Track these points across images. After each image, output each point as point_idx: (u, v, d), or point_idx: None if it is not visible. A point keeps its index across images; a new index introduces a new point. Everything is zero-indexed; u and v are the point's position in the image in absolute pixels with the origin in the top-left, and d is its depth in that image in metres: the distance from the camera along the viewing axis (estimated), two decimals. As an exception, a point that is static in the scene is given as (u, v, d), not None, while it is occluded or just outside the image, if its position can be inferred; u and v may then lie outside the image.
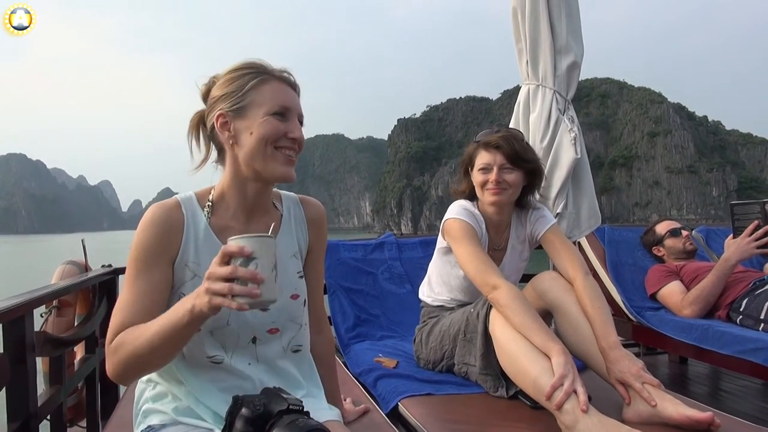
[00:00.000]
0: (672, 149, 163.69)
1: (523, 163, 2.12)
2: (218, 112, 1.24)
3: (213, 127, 1.26)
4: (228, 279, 0.96)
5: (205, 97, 1.31)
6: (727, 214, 2.78)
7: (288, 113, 1.26)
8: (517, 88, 3.02)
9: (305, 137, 1.34)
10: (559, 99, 2.83)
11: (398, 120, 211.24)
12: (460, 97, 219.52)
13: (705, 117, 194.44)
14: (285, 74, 1.29)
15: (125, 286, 1.20)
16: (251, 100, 1.23)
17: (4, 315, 1.52)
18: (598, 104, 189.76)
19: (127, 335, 1.13)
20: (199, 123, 1.32)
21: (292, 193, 1.46)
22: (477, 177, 2.15)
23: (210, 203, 1.29)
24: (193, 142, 1.32)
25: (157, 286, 1.20)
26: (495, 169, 2.09)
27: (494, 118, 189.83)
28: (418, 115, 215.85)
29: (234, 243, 0.99)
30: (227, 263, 0.99)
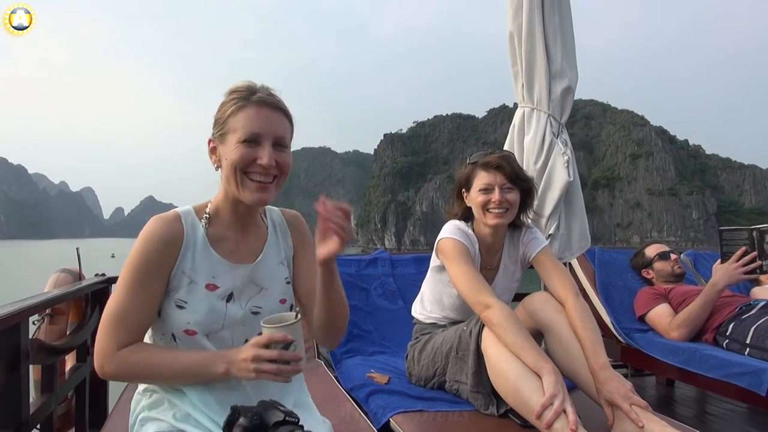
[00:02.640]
0: (653, 171, 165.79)
1: (522, 183, 2.16)
2: (209, 138, 1.31)
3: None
4: (272, 360, 1.16)
5: None
6: (706, 237, 2.85)
7: (260, 139, 1.26)
8: (503, 107, 3.08)
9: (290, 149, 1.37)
10: (553, 122, 2.88)
11: (385, 135, 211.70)
12: (447, 114, 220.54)
13: (686, 141, 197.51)
14: (265, 97, 1.28)
15: (124, 294, 1.24)
16: (229, 127, 1.27)
17: (0, 322, 1.51)
18: (582, 125, 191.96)
19: (141, 353, 1.23)
20: None
21: (274, 207, 1.50)
22: (477, 198, 2.15)
23: (207, 215, 1.35)
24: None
25: (154, 295, 1.27)
26: (497, 189, 2.11)
27: (480, 135, 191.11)
28: (404, 131, 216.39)
29: (278, 332, 1.18)
30: (267, 346, 1.17)
